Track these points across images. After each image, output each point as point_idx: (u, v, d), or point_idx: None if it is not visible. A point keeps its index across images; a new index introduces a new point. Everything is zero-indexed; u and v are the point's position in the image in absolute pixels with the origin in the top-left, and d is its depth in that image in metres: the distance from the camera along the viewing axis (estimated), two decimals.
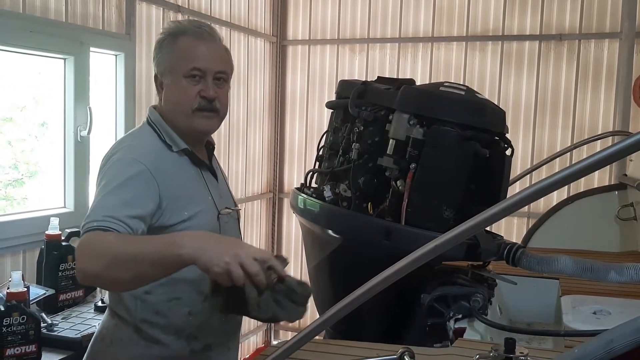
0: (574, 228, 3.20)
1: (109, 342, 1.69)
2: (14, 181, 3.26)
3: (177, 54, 1.67)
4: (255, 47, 5.01)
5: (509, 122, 2.08)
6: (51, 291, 2.48)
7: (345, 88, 2.14)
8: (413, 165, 1.76)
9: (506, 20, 4.62)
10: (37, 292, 2.42)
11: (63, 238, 2.62)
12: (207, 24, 1.76)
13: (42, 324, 2.22)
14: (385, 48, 4.98)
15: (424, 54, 4.86)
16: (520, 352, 1.22)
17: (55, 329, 2.32)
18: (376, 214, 1.85)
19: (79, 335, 2.28)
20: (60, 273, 2.56)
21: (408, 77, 2.32)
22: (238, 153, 4.88)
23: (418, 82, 2.09)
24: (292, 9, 5.24)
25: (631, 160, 3.36)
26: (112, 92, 3.49)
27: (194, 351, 1.69)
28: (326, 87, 5.12)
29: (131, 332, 1.66)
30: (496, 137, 1.87)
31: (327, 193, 2.00)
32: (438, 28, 4.81)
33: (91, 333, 2.00)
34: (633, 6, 4.18)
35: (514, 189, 2.73)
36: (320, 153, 2.26)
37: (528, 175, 3.47)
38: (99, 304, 2.55)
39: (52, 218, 2.62)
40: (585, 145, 3.80)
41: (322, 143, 2.26)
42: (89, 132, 3.14)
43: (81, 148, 3.15)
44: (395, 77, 2.43)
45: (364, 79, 2.14)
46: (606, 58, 4.41)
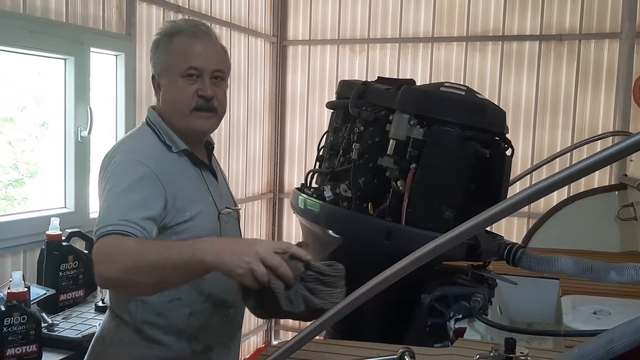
0: (574, 228, 3.20)
1: (110, 343, 1.69)
2: (15, 181, 3.26)
3: (174, 54, 1.66)
4: (255, 48, 5.01)
5: (509, 123, 2.08)
6: (52, 291, 2.49)
7: (345, 88, 2.14)
8: (413, 165, 1.76)
9: (506, 20, 4.62)
10: (38, 292, 2.42)
11: (63, 238, 2.62)
12: (203, 23, 1.75)
13: (43, 324, 2.23)
14: (385, 48, 4.98)
15: (424, 54, 4.86)
16: (520, 352, 1.22)
17: (55, 329, 2.32)
18: (376, 214, 1.85)
19: (80, 335, 2.28)
20: (60, 273, 2.57)
21: (408, 78, 2.32)
22: (238, 153, 4.87)
23: (418, 83, 2.08)
24: (292, 9, 5.24)
25: (631, 160, 3.37)
26: (113, 93, 3.50)
27: (195, 352, 1.69)
28: (326, 88, 5.12)
29: (132, 333, 1.65)
30: (496, 138, 1.87)
31: (328, 193, 1.99)
32: (438, 28, 4.81)
33: (92, 333, 2.00)
34: (633, 6, 4.18)
35: (514, 189, 2.73)
36: (320, 153, 2.26)
37: (528, 175, 3.47)
38: (100, 304, 2.55)
39: (53, 218, 2.62)
40: (585, 145, 3.80)
41: (323, 143, 2.26)
42: (90, 133, 3.15)
43: (81, 148, 3.15)
44: (395, 78, 2.42)
45: (364, 79, 2.13)
46: (606, 58, 4.41)
